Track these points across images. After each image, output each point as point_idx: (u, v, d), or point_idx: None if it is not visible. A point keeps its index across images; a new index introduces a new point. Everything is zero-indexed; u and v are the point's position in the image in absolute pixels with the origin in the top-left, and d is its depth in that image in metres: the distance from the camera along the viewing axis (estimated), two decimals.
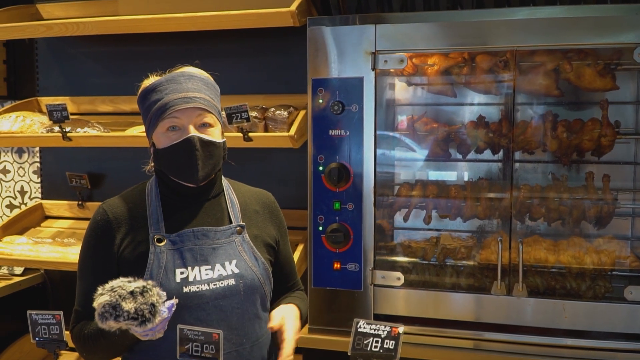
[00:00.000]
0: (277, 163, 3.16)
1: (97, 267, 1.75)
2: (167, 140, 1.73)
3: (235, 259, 1.77)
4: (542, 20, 2.27)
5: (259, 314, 1.81)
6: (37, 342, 1.88)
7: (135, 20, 2.85)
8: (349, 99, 2.47)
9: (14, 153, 3.67)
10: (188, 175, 1.74)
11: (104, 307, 1.48)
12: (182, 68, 1.81)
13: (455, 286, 2.60)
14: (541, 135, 2.52)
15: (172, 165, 1.76)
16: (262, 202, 1.94)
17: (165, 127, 1.73)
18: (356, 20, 2.46)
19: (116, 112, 3.35)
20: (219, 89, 1.85)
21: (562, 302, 2.34)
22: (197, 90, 1.74)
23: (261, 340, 1.81)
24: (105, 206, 1.80)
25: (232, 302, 1.74)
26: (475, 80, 2.57)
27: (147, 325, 1.50)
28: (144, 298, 1.50)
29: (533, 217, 2.56)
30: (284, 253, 1.95)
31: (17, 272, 3.42)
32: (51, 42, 3.48)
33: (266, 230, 1.89)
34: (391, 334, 1.68)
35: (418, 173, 2.84)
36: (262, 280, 1.80)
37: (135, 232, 1.75)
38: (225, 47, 3.18)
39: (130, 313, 1.47)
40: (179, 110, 1.70)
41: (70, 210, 3.49)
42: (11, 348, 3.33)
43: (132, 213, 1.78)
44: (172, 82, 1.74)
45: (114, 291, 1.49)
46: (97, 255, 1.76)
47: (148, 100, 1.76)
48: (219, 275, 1.74)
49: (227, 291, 1.73)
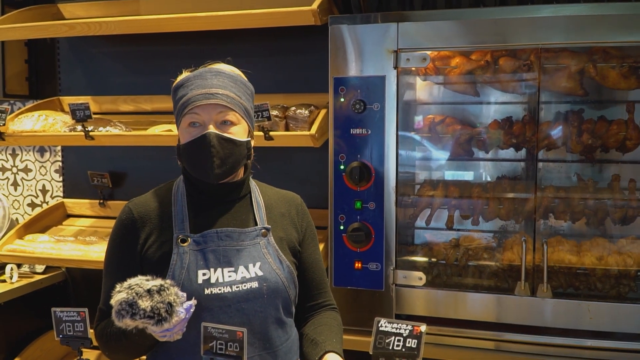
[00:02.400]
0: (296, 162, 3.16)
1: (121, 265, 1.74)
2: (187, 135, 1.72)
3: (260, 262, 1.74)
4: (567, 17, 2.25)
5: (282, 318, 1.77)
6: (61, 339, 1.88)
7: (158, 20, 2.86)
8: (371, 97, 2.46)
9: (36, 152, 3.70)
10: (204, 172, 1.71)
11: (120, 305, 1.47)
12: (213, 64, 1.79)
13: (477, 287, 2.58)
14: (565, 136, 2.50)
15: (190, 162, 1.74)
16: (289, 205, 1.90)
17: (186, 122, 1.71)
18: (378, 18, 2.45)
19: (137, 111, 3.37)
20: (251, 87, 1.81)
21: (587, 303, 2.31)
22: (221, 86, 1.71)
23: (285, 345, 1.77)
24: (131, 205, 1.79)
25: (254, 306, 1.70)
26: (498, 79, 2.55)
27: (164, 324, 1.48)
28: (161, 297, 1.49)
29: (558, 218, 2.53)
30: (310, 256, 1.89)
31: (39, 270, 3.44)
32: (73, 41, 3.50)
33: (292, 233, 1.85)
34: (413, 332, 1.67)
35: (439, 173, 2.83)
36: (287, 284, 1.76)
37: (160, 231, 1.74)
38: (245, 46, 3.18)
39: (146, 311, 1.46)
40: (199, 106, 1.68)
41: (91, 209, 3.51)
42: (32, 346, 3.34)
43: (158, 212, 1.76)
44: (198, 78, 1.72)
45: (131, 289, 1.48)
46: (122, 253, 1.76)
47: (176, 96, 1.75)
48: (242, 278, 1.71)
49: (250, 294, 1.70)
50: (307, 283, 1.89)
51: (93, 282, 3.51)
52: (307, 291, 1.89)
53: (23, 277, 3.35)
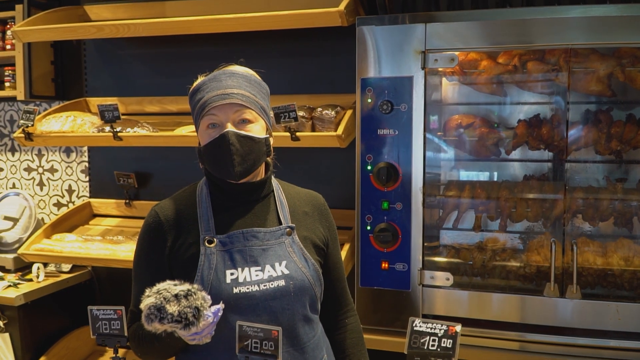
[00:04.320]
0: (322, 163, 3.17)
1: (150, 268, 1.76)
2: (207, 137, 1.74)
3: (285, 260, 1.76)
4: (596, 18, 2.24)
5: (309, 315, 1.79)
6: (97, 338, 1.90)
7: (185, 22, 2.88)
8: (398, 98, 2.47)
9: (62, 152, 3.75)
10: (225, 171, 1.73)
11: (149, 309, 1.50)
12: (226, 67, 1.81)
13: (504, 288, 2.57)
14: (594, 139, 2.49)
15: (212, 162, 1.76)
16: (312, 204, 1.92)
17: (205, 124, 1.74)
18: (405, 19, 2.45)
19: (163, 112, 3.40)
20: (265, 86, 1.83)
21: (616, 304, 2.31)
22: (236, 86, 1.73)
23: (312, 342, 1.80)
24: (157, 208, 1.81)
25: (282, 303, 1.73)
26: (526, 80, 2.55)
27: (191, 329, 1.51)
28: (188, 301, 1.51)
29: (585, 219, 2.53)
30: (332, 256, 1.92)
31: (65, 269, 3.48)
32: (99, 43, 3.54)
33: (315, 232, 1.87)
34: (448, 332, 1.68)
35: (465, 173, 2.83)
36: (312, 281, 1.78)
37: (186, 233, 1.76)
38: (270, 47, 3.20)
39: (174, 316, 1.48)
40: (216, 107, 1.71)
41: (117, 209, 3.55)
42: (58, 345, 3.38)
43: (183, 215, 1.79)
44: (213, 81, 1.74)
45: (159, 293, 1.51)
46: (150, 257, 1.78)
47: (193, 100, 1.78)
48: (269, 276, 1.73)
49: (277, 292, 1.72)
50: (331, 283, 1.92)
51: (119, 281, 3.55)
52: (329, 289, 1.91)
53: (49, 276, 3.40)
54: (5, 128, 3.89)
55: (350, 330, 1.96)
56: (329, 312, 1.94)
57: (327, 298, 1.91)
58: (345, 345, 1.94)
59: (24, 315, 3.19)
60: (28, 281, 3.32)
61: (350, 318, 1.97)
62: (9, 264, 3.46)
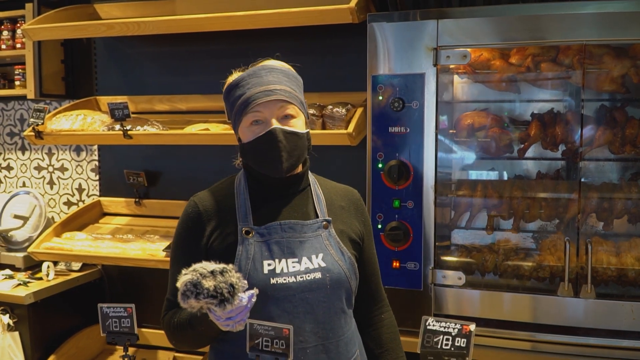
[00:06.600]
0: (333, 161, 3.14)
1: (187, 257, 1.75)
2: (251, 134, 1.75)
3: (322, 253, 1.77)
4: (611, 14, 2.22)
5: (345, 308, 1.80)
6: (107, 336, 1.89)
7: (196, 20, 2.87)
8: (410, 95, 2.45)
9: (72, 151, 3.75)
10: (273, 167, 1.75)
11: (185, 286, 1.49)
12: (264, 61, 1.82)
13: (516, 287, 2.55)
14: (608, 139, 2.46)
15: (257, 158, 1.77)
16: (348, 198, 1.93)
17: (249, 121, 1.75)
18: (417, 15, 2.43)
19: (173, 110, 3.39)
20: (301, 80, 1.86)
21: (631, 304, 2.28)
22: (278, 82, 1.75)
23: (346, 336, 1.80)
24: (196, 199, 1.83)
25: (318, 296, 1.73)
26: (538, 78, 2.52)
27: (226, 306, 1.49)
28: (224, 277, 1.50)
29: (600, 219, 2.50)
30: (367, 251, 1.93)
31: (75, 267, 3.48)
32: (109, 42, 3.54)
33: (351, 226, 1.88)
34: (462, 331, 1.66)
35: (477, 172, 2.80)
36: (348, 274, 1.79)
37: (224, 224, 1.78)
38: (280, 44, 3.16)
39: (209, 290, 1.48)
40: (260, 103, 1.72)
41: (127, 207, 3.54)
42: (67, 343, 3.38)
43: (221, 206, 1.80)
44: (254, 77, 1.75)
45: (195, 271, 1.51)
46: (188, 246, 1.80)
47: (232, 96, 1.78)
48: (306, 269, 1.74)
49: (314, 284, 1.73)
50: (366, 277, 1.91)
51: (129, 280, 3.55)
52: (364, 284, 1.91)
53: (59, 274, 3.40)
54: (16, 127, 3.89)
55: (387, 325, 1.96)
56: (364, 308, 1.94)
57: (361, 293, 1.91)
58: (382, 340, 1.94)
59: (34, 313, 3.19)
60: (38, 280, 3.32)
61: (385, 313, 1.97)
62: (19, 263, 3.47)
